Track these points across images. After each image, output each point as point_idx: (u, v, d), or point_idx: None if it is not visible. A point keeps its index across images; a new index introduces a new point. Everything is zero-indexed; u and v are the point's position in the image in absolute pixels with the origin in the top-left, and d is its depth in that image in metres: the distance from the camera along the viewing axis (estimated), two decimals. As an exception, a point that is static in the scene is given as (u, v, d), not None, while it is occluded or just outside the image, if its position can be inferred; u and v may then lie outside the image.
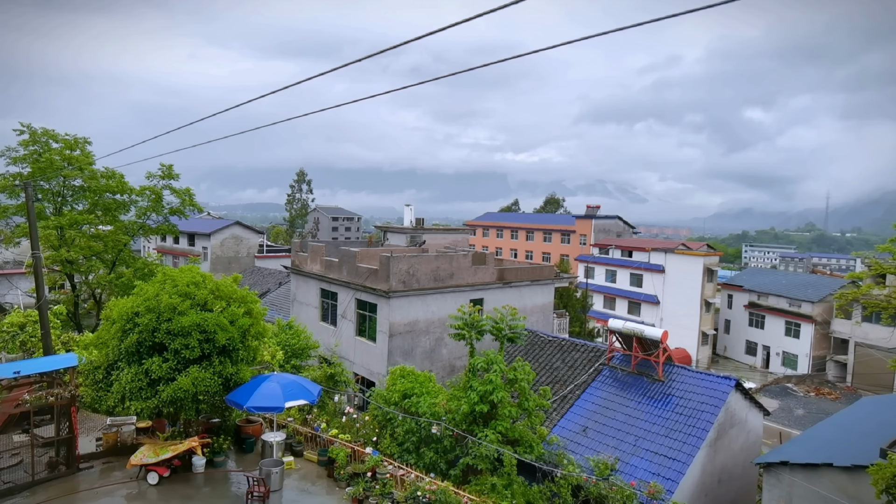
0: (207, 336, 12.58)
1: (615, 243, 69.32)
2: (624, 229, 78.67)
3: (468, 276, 25.79)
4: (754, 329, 60.06)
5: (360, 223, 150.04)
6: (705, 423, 16.24)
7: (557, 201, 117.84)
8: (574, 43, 6.31)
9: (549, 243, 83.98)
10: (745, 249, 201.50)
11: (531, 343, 22.89)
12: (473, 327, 15.15)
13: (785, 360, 56.36)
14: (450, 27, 6.25)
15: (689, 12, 5.68)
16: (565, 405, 19.12)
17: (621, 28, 6.17)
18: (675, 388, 17.90)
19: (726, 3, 5.62)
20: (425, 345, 24.51)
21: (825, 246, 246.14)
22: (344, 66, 7.63)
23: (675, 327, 53.80)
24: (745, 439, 18.69)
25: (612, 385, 19.14)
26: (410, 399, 15.79)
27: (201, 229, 57.96)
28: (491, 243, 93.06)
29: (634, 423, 17.23)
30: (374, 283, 23.92)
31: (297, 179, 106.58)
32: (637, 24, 6.13)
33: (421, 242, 33.46)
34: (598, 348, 21.30)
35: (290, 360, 20.56)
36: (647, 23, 6.31)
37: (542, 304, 29.55)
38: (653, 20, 6.20)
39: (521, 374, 14.28)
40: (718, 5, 5.61)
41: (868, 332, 48.99)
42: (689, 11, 5.73)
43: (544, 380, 20.59)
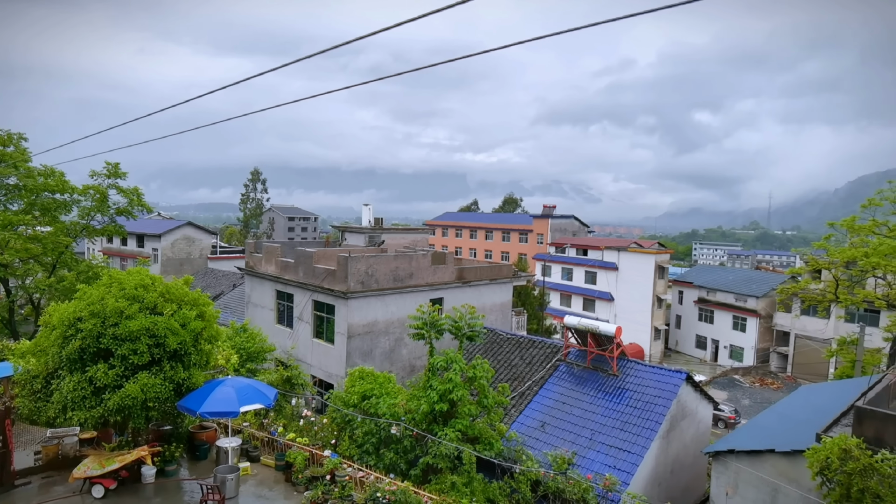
0: (157, 340, 12.11)
1: (571, 242, 70.76)
2: (579, 228, 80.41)
3: (428, 276, 25.79)
4: (704, 324, 62.49)
5: (318, 223, 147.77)
6: (658, 416, 16.78)
7: (515, 201, 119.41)
8: (530, 42, 6.41)
9: (507, 242, 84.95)
10: (695, 247, 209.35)
11: (490, 341, 23.09)
12: (433, 327, 15.16)
13: (732, 353, 58.88)
14: (405, 23, 6.25)
15: (634, 15, 5.85)
16: (524, 401, 19.39)
17: (575, 28, 6.30)
18: (628, 383, 18.41)
19: (677, 6, 5.84)
20: (385, 345, 24.36)
21: (768, 243, 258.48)
22: (299, 60, 7.50)
23: (629, 323, 55.43)
24: (696, 430, 19.42)
25: (569, 380, 19.53)
26: (370, 400, 15.66)
27: (151, 230, 55.81)
28: (451, 243, 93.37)
29: (590, 417, 17.63)
30: (331, 283, 23.60)
31: (251, 178, 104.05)
32: (590, 25, 6.27)
33: (380, 242, 33.24)
34: (554, 345, 21.68)
35: (245, 364, 20.04)
36: (600, 24, 6.46)
37: (501, 303, 29.86)
38: (604, 21, 6.36)
39: (481, 371, 14.39)
40: (667, 8, 5.82)
41: (806, 324, 51.77)
42: (635, 14, 5.90)
43: (503, 377, 20.81)
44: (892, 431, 12.23)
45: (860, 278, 32.89)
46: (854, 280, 33.18)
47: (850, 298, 32.26)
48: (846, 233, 33.01)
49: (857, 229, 31.98)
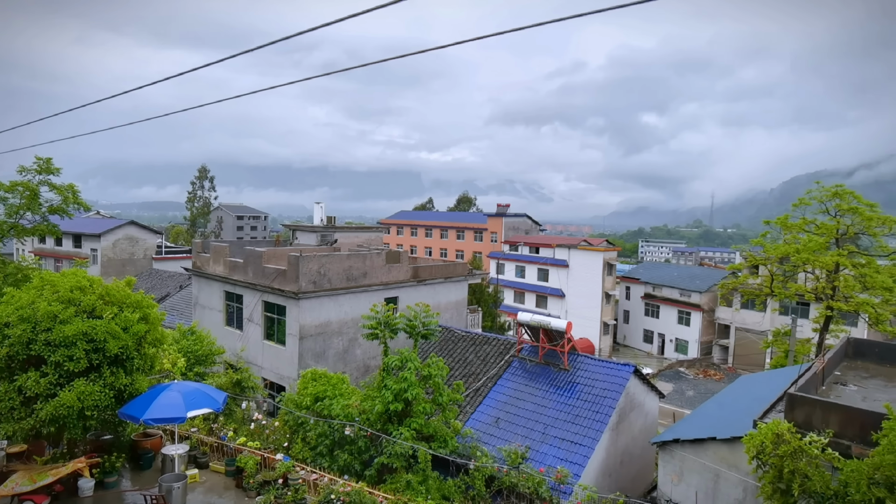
0: (96, 345, 11.52)
1: (524, 240, 71.88)
2: (532, 227, 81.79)
3: (382, 275, 25.62)
4: (650, 318, 64.77)
5: (268, 222, 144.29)
6: (608, 409, 17.28)
7: (470, 200, 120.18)
8: (484, 43, 6.48)
9: (462, 241, 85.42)
10: (641, 245, 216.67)
11: (445, 339, 23.18)
12: (387, 326, 15.08)
13: (678, 346, 61.29)
14: (357, 15, 6.18)
15: (581, 15, 6.01)
16: (478, 398, 19.57)
17: (525, 27, 6.40)
18: (579, 377, 18.88)
19: (624, 8, 6.05)
20: (338, 346, 24.06)
21: (710, 241, 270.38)
22: (249, 51, 7.32)
23: (579, 318, 56.83)
24: (644, 421, 20.11)
25: (522, 376, 19.85)
26: (323, 402, 15.44)
27: (89, 230, 53.01)
28: (405, 241, 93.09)
29: (543, 411, 17.98)
30: (282, 284, 23.10)
31: (199, 176, 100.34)
32: (536, 24, 6.42)
33: (332, 241, 32.78)
34: (508, 341, 21.98)
35: (192, 368, 19.35)
36: (548, 23, 6.60)
37: (456, 301, 30.02)
38: (550, 21, 6.45)
39: (435, 370, 14.42)
40: (613, 9, 5.99)
41: (745, 317, 54.51)
42: (582, 14, 6.09)
43: (458, 374, 20.94)
44: (819, 415, 13.05)
45: (792, 273, 34.87)
46: (787, 275, 35.15)
47: (783, 292, 34.15)
48: (780, 230, 34.94)
49: (790, 227, 33.89)
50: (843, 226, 31.77)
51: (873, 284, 29.79)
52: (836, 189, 32.07)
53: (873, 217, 30.84)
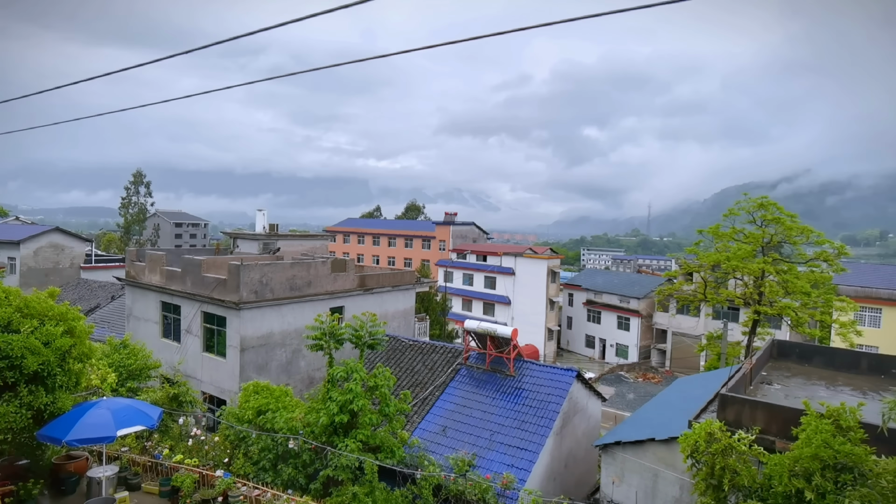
0: (12, 362, 10.70)
1: (472, 249, 72.58)
2: (479, 235, 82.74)
3: (327, 284, 25.19)
4: (592, 324, 66.71)
5: (208, 229, 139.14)
6: (552, 413, 17.63)
7: (418, 208, 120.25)
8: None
9: (410, 249, 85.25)
10: (583, 253, 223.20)
11: (392, 348, 23.00)
12: (332, 336, 14.81)
13: (618, 351, 63.37)
14: (303, 18, 6.08)
15: (524, 29, 6.18)
16: (425, 407, 19.51)
17: (470, 38, 6.50)
18: (525, 383, 19.18)
19: (567, 23, 6.25)
20: (281, 358, 23.41)
21: (648, 249, 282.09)
22: (190, 51, 7.06)
23: (525, 325, 57.82)
24: (587, 425, 20.65)
25: (469, 384, 19.96)
26: (265, 415, 14.97)
27: (7, 236, 49.29)
28: (352, 249, 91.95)
29: (490, 418, 18.13)
30: (222, 294, 22.29)
31: (133, 181, 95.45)
32: (482, 36, 6.54)
33: (275, 250, 31.95)
34: (455, 349, 22.07)
35: (125, 383, 18.28)
36: (492, 35, 6.75)
37: (404, 309, 29.88)
38: (496, 33, 6.62)
39: (382, 380, 14.28)
40: (555, 24, 6.20)
41: (681, 322, 57.06)
42: (526, 28, 6.26)
43: (405, 384, 20.81)
44: (747, 413, 13.82)
45: (724, 279, 36.87)
46: (719, 281, 37.13)
47: (715, 298, 36.03)
48: (712, 239, 36.91)
49: (721, 236, 35.87)
50: (767, 235, 33.92)
51: (794, 289, 31.93)
52: (761, 201, 34.24)
53: (794, 227, 33.12)
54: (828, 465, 9.84)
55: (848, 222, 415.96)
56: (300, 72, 7.89)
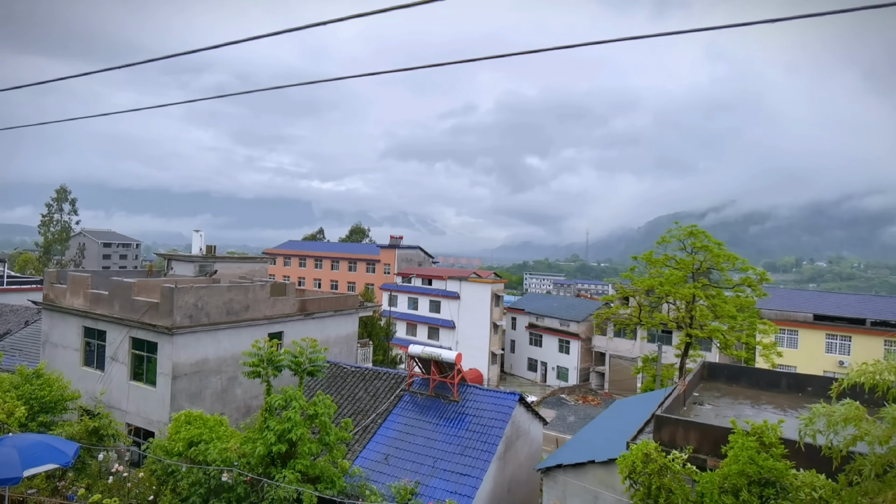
0: None
1: (417, 272, 72.49)
2: (424, 259, 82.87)
3: (266, 309, 24.40)
4: (534, 347, 67.75)
5: (140, 250, 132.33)
6: (495, 438, 17.65)
7: (363, 231, 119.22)
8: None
9: (354, 272, 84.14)
10: (526, 277, 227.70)
11: (333, 375, 22.46)
12: (270, 363, 14.30)
13: (559, 374, 64.52)
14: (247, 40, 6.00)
15: (471, 60, 6.36)
16: (367, 435, 19.08)
17: (417, 67, 6.61)
18: (468, 407, 19.15)
19: (510, 57, 6.49)
20: (216, 385, 22.34)
21: (586, 274, 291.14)
22: (126, 66, 6.78)
23: (469, 349, 58.00)
24: (529, 448, 20.78)
25: (412, 410, 19.71)
26: (198, 447, 14.16)
27: None
28: (293, 273, 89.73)
29: (433, 444, 17.93)
30: (154, 318, 21.13)
31: (56, 197, 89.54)
32: (430, 66, 6.67)
33: (212, 272, 30.74)
34: (399, 375, 21.80)
35: (36, 417, 16.85)
36: (441, 65, 6.91)
37: (346, 335, 29.31)
38: (444, 63, 6.79)
39: (322, 408, 13.87)
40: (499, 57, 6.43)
41: (618, 345, 58.91)
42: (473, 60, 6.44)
43: (347, 411, 20.31)
44: (681, 434, 14.36)
45: (657, 304, 38.50)
46: (653, 305, 38.73)
47: (650, 321, 37.51)
48: (646, 265, 38.58)
49: (654, 262, 37.57)
50: (697, 261, 35.83)
51: (722, 313, 33.76)
52: (691, 229, 36.22)
53: (721, 254, 35.19)
54: (753, 480, 10.34)
55: (768, 250, 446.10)
56: (245, 91, 7.76)
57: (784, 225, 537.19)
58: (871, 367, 7.69)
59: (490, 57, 6.63)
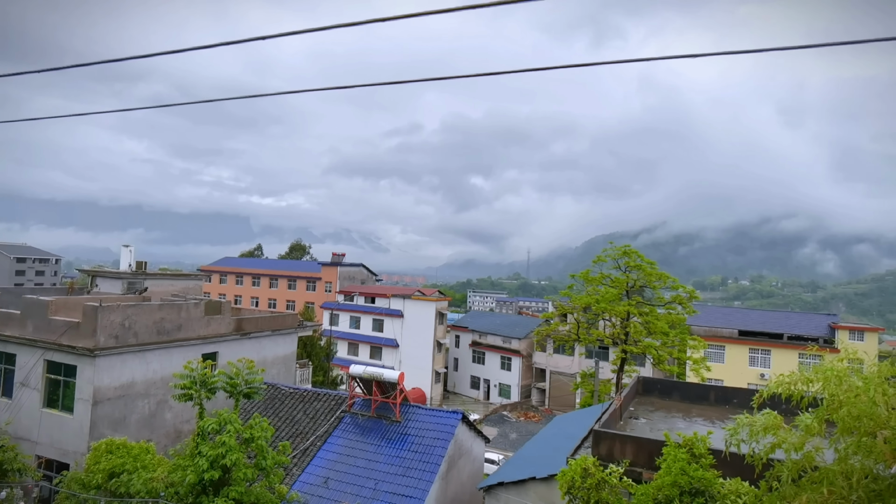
0: None
1: (360, 290, 71.51)
2: (368, 276, 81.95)
3: (200, 328, 23.33)
4: (477, 365, 68.08)
5: (60, 266, 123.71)
6: (437, 458, 17.52)
7: (304, 248, 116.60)
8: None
9: (294, 291, 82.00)
10: (469, 295, 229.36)
11: (271, 397, 21.69)
12: (204, 385, 13.65)
13: (501, 391, 65.02)
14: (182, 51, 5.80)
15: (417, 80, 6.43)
16: (306, 458, 18.47)
17: (364, 84, 6.63)
18: (410, 427, 18.95)
19: (455, 79, 6.60)
20: (143, 410, 21.04)
21: (528, 291, 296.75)
22: (52, 69, 6.38)
23: (413, 368, 57.53)
24: (472, 467, 20.73)
25: (353, 431, 19.29)
26: (120, 478, 13.25)
27: None
28: (230, 291, 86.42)
29: (374, 466, 17.59)
30: (74, 339, 19.73)
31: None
32: (376, 84, 6.71)
33: (142, 290, 29.15)
34: (339, 396, 21.33)
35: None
36: (385, 84, 6.95)
37: (285, 355, 28.43)
38: (391, 82, 6.83)
39: (259, 431, 13.33)
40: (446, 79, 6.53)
41: (558, 361, 60.16)
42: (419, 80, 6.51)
43: (285, 434, 19.62)
44: (618, 448, 14.78)
45: (594, 320, 39.71)
46: (590, 322, 39.91)
47: (587, 338, 38.61)
48: (583, 283, 39.82)
49: (591, 280, 38.83)
50: (631, 280, 37.33)
51: (655, 330, 35.23)
52: (625, 249, 37.77)
53: (653, 273, 36.84)
54: (685, 490, 10.76)
55: (696, 269, 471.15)
56: (185, 103, 7.50)
57: (711, 245, 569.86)
58: (787, 378, 8.23)
59: (437, 78, 6.76)
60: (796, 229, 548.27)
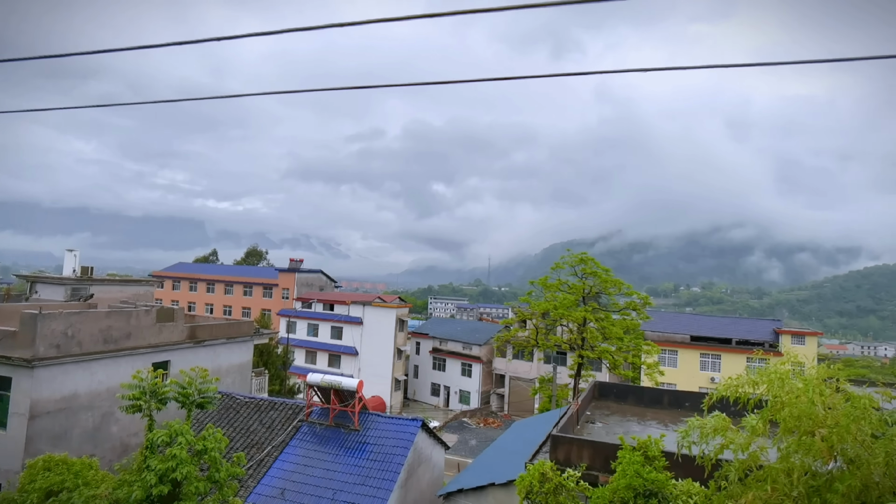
0: None
1: (318, 297, 70.41)
2: (326, 283, 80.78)
3: (151, 336, 22.46)
4: (438, 372, 68.01)
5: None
6: (397, 466, 17.37)
7: (260, 253, 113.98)
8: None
9: (250, 297, 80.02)
10: (430, 301, 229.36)
11: (226, 406, 21.05)
12: (154, 395, 13.12)
13: (461, 397, 65.12)
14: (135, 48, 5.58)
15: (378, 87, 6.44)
16: (262, 469, 18.00)
17: (326, 88, 6.56)
18: (369, 436, 18.74)
19: (418, 86, 6.61)
20: (87, 424, 20.05)
21: (488, 298, 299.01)
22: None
23: (372, 376, 57.00)
24: (431, 475, 20.65)
25: (311, 441, 18.93)
26: (59, 497, 12.56)
27: None
28: (183, 297, 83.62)
29: (333, 476, 17.29)
30: (9, 349, 18.65)
31: None
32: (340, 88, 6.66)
33: (87, 297, 27.87)
34: (297, 405, 20.91)
35: None
36: (351, 88, 6.90)
37: (240, 363, 27.68)
38: (354, 87, 6.79)
39: (212, 442, 12.90)
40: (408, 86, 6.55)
41: (517, 367, 60.75)
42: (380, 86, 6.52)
43: (240, 445, 19.07)
44: (576, 452, 15.02)
45: (552, 326, 40.35)
46: (549, 328, 40.52)
47: (546, 343, 39.18)
48: (542, 289, 40.44)
49: (549, 287, 39.49)
50: (587, 286, 38.17)
51: (611, 335, 36.08)
52: (581, 256, 38.61)
53: (608, 280, 37.77)
54: (639, 492, 11.02)
55: (650, 276, 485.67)
56: (139, 102, 7.24)
57: (664, 253, 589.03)
58: (735, 381, 8.59)
59: (400, 84, 6.76)
60: (744, 238, 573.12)
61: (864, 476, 6.91)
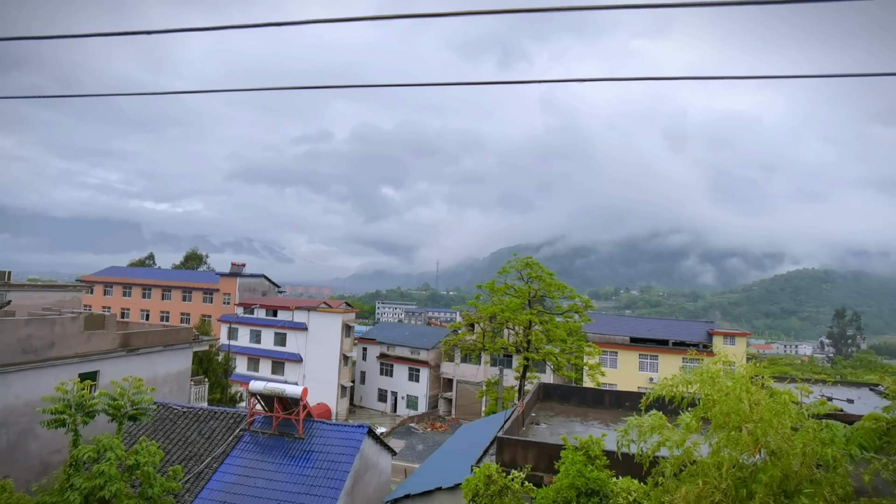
0: None
1: (261, 303, 68.41)
2: (270, 288, 78.65)
3: (78, 345, 21.13)
4: (385, 377, 67.45)
5: None
6: (342, 474, 17.09)
7: (200, 257, 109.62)
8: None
9: (189, 303, 76.81)
10: (378, 306, 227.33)
11: (161, 417, 20.08)
12: (80, 408, 12.37)
13: (409, 403, 64.83)
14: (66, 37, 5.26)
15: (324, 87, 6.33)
16: (201, 482, 17.27)
17: (271, 88, 6.40)
18: (315, 444, 18.35)
19: (367, 89, 6.54)
20: (1, 442, 18.61)
21: (437, 302, 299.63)
22: None
23: (318, 383, 55.87)
24: (378, 481, 20.43)
25: (254, 451, 18.35)
26: (-29, 519, 11.60)
27: None
28: (115, 303, 79.22)
29: (276, 486, 16.81)
30: (-83, 361, 17.09)
31: None
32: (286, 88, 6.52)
33: (4, 303, 25.93)
34: (238, 414, 20.22)
35: None
36: (299, 88, 6.77)
37: (178, 372, 26.48)
38: (301, 87, 6.67)
39: (145, 456, 12.30)
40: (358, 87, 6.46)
41: (465, 370, 61.13)
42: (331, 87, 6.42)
43: (177, 458, 18.22)
44: (521, 453, 15.25)
45: (499, 329, 40.88)
46: (495, 331, 41.03)
47: (492, 346, 39.64)
48: (489, 293, 40.93)
49: (496, 290, 40.02)
50: (532, 290, 38.93)
51: (555, 337, 36.93)
52: (527, 260, 39.36)
53: (552, 283, 38.67)
54: (581, 491, 11.32)
55: (592, 280, 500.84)
56: (69, 95, 6.82)
57: (605, 258, 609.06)
58: (670, 381, 8.99)
59: (348, 86, 6.69)
60: (680, 243, 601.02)
61: (785, 466, 7.39)
